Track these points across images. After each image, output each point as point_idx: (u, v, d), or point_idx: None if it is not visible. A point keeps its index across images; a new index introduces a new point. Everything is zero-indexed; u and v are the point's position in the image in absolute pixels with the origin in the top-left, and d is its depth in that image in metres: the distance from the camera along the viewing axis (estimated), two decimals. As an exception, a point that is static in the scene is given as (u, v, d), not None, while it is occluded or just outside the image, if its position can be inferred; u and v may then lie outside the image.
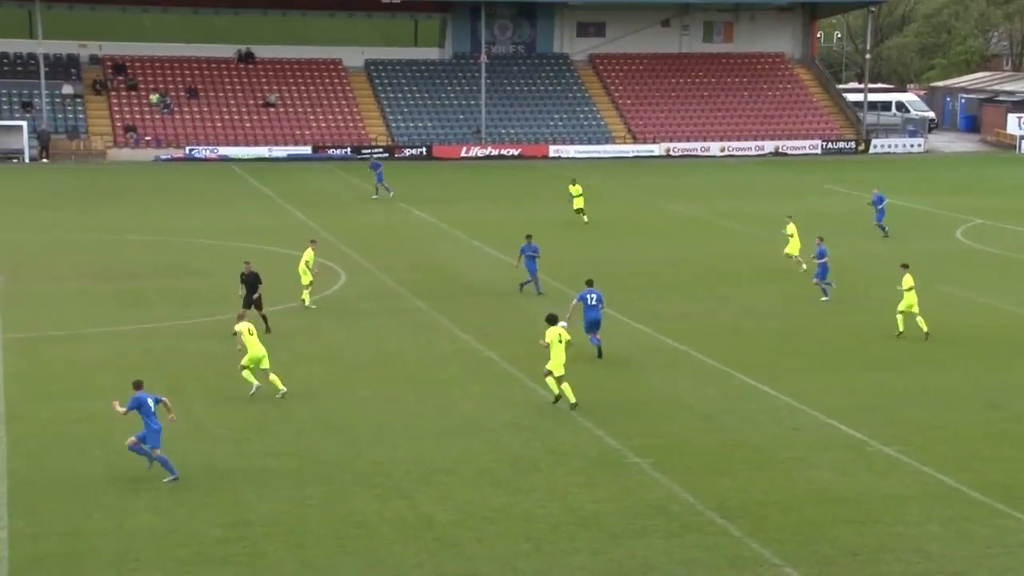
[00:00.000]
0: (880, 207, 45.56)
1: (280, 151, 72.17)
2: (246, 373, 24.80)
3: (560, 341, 24.37)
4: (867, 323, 31.75)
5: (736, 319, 32.72)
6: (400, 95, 79.57)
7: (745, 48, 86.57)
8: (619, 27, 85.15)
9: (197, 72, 77.26)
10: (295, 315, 32.33)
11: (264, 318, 29.65)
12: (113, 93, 74.30)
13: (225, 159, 70.36)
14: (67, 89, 73.01)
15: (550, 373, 24.43)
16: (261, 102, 76.13)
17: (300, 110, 76.40)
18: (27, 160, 67.31)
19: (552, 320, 24.95)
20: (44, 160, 67.67)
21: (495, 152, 75.81)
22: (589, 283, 28.63)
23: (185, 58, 77.72)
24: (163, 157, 70.18)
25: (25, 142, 67.69)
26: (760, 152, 78.80)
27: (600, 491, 20.09)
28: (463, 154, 75.23)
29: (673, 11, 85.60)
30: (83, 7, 75.27)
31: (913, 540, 18.06)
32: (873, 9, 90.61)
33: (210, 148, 71.43)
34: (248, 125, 74.52)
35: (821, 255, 34.17)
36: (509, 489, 20.17)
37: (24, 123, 68.68)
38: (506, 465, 21.33)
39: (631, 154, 77.71)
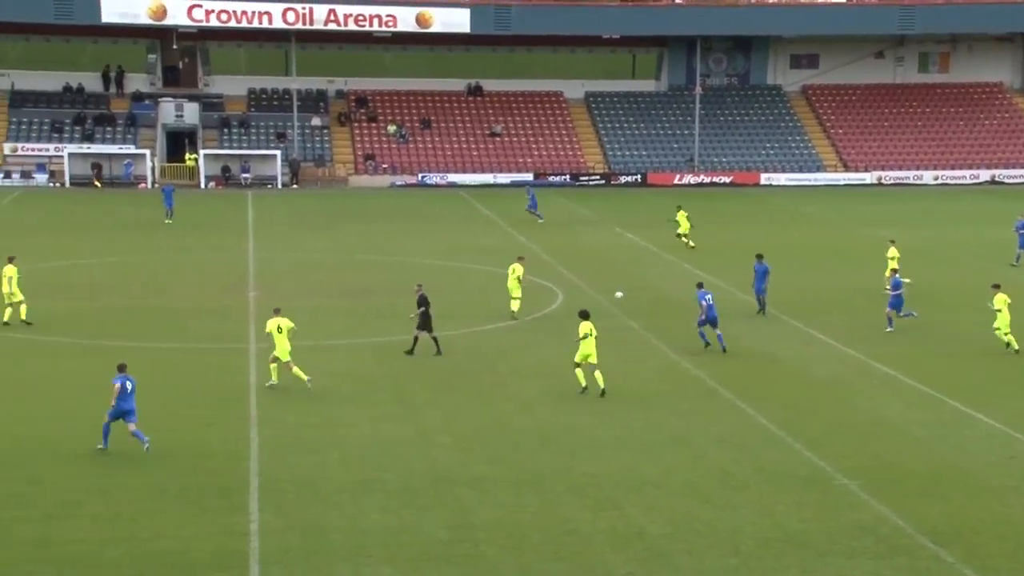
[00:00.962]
0: (1022, 232, 43.42)
1: (504, 177, 73.28)
2: (273, 366, 26.25)
3: (591, 334, 25.91)
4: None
5: (947, 344, 31.35)
6: (617, 125, 79.71)
7: (961, 78, 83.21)
8: (832, 59, 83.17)
9: (430, 104, 79.29)
10: (511, 333, 32.67)
11: (435, 339, 29.46)
12: (355, 124, 76.98)
13: (453, 185, 71.89)
14: (316, 121, 76.06)
15: (578, 365, 25.93)
16: (487, 132, 77.53)
17: (523, 139, 77.43)
18: (280, 186, 70.37)
19: (585, 315, 26.23)
20: (294, 186, 70.61)
21: (707, 180, 75.00)
22: (700, 285, 31.06)
23: (420, 92, 79.86)
24: (398, 183, 72.25)
25: (278, 169, 70.84)
26: (975, 180, 75.49)
27: (808, 510, 19.52)
28: (676, 181, 74.71)
29: (888, 43, 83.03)
30: (332, 47, 78.29)
31: None
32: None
33: (440, 175, 73.13)
34: (475, 153, 75.97)
35: (896, 286, 32.82)
36: (717, 504, 19.81)
37: (278, 152, 71.87)
38: (714, 480, 20.97)
39: (842, 182, 75.62)
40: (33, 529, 18.32)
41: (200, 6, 69.83)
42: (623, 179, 74.50)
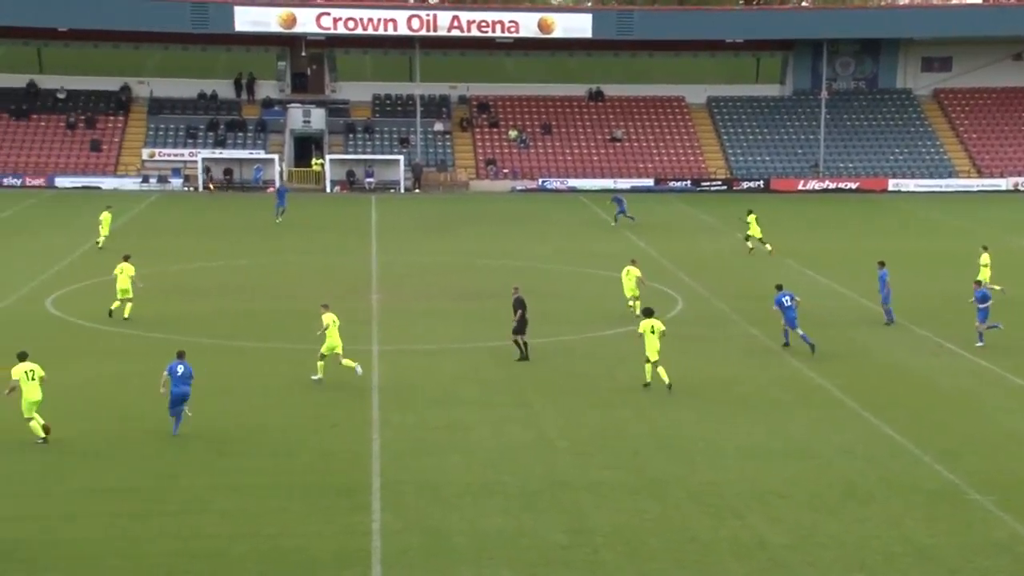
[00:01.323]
0: None
1: (624, 183, 72.93)
2: (321, 363, 26.91)
3: (653, 332, 26.57)
4: None
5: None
6: (740, 130, 78.71)
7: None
8: (967, 61, 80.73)
9: (551, 110, 79.40)
10: (630, 338, 32.42)
11: (525, 344, 29.28)
12: (477, 130, 77.52)
13: (573, 190, 71.86)
14: (438, 126, 76.82)
15: (648, 360, 26.57)
16: (608, 137, 77.30)
17: (644, 144, 77.00)
18: (402, 190, 71.23)
19: (648, 313, 27.42)
20: (416, 190, 71.40)
21: (832, 186, 73.56)
22: (779, 287, 30.95)
23: (541, 97, 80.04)
24: (518, 188, 72.51)
25: (401, 174, 71.73)
26: (1117, 186, 72.73)
27: (939, 525, 18.95)
28: (800, 187, 73.44)
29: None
30: (455, 53, 78.97)
31: None
32: None
33: (560, 180, 73.18)
34: (595, 159, 75.81)
35: (983, 299, 31.35)
36: (842, 516, 19.38)
37: (401, 157, 72.78)
38: (839, 491, 20.51)
39: (975, 188, 73.48)
40: (168, 522, 18.83)
41: (328, 14, 71.18)
42: (745, 185, 73.52)
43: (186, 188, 69.94)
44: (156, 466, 21.40)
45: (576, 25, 73.24)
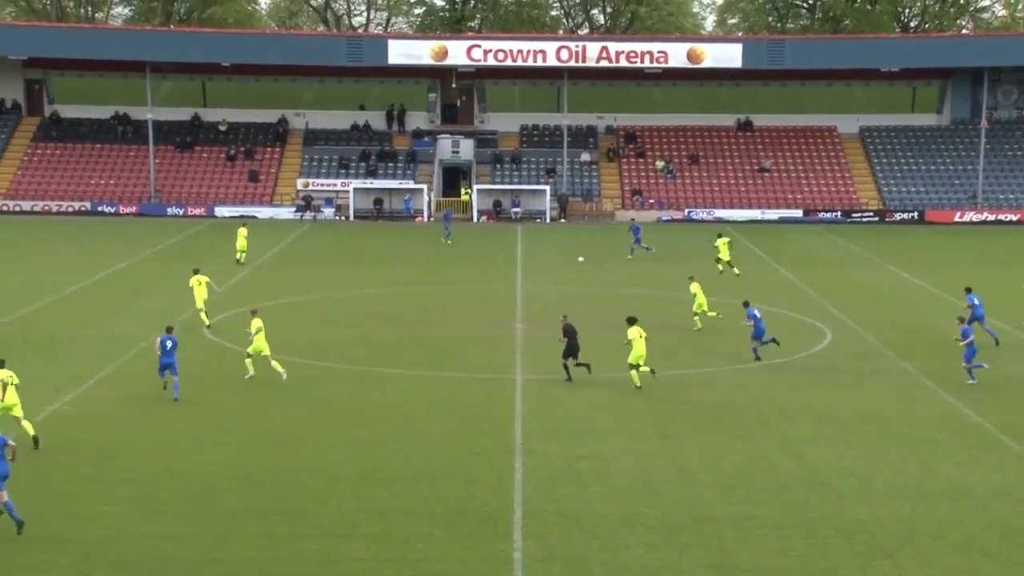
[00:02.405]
0: None
1: (772, 214, 71.91)
2: (248, 361, 29.68)
3: (640, 337, 29.04)
4: None
5: None
6: (894, 160, 76.80)
7: None
8: None
9: (699, 140, 78.86)
10: (777, 370, 31.92)
11: (581, 365, 30.23)
12: (623, 160, 77.49)
13: (720, 221, 71.10)
14: (584, 157, 77.05)
15: (632, 366, 28.90)
16: (756, 168, 76.35)
17: (793, 175, 75.79)
18: (547, 220, 71.59)
19: (632, 321, 29.54)
20: (562, 220, 71.67)
21: (991, 217, 71.10)
22: (747, 304, 33.29)
23: (689, 127, 79.58)
24: (664, 218, 72.14)
25: (547, 204, 72.13)
26: None
27: (1102, 574, 18.06)
28: (957, 219, 71.20)
29: None
30: (603, 83, 79.22)
31: None
32: None
33: (707, 210, 72.54)
34: (743, 189, 74.94)
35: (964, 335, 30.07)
36: (1001, 560, 18.63)
37: (547, 187, 73.22)
38: (997, 535, 19.73)
39: None
40: (315, 546, 19.23)
41: (479, 46, 72.25)
42: (898, 216, 71.61)
43: (337, 217, 71.64)
44: (305, 490, 21.87)
45: (726, 55, 72.59)
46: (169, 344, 28.06)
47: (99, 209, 71.70)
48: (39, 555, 18.66)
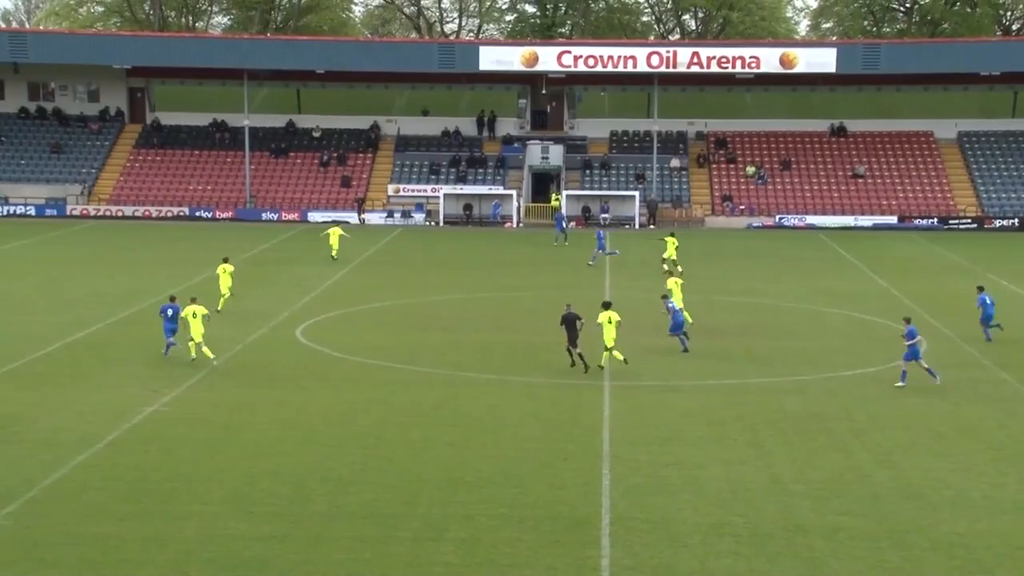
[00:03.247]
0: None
1: (865, 220, 70.75)
2: (191, 344, 31.52)
3: (610, 322, 30.50)
4: None
5: None
6: (993, 166, 75.08)
7: None
8: None
9: (791, 145, 77.92)
10: (871, 380, 31.39)
11: (580, 356, 31.14)
12: (714, 166, 76.86)
13: (812, 227, 70.16)
14: (674, 163, 76.58)
15: (605, 347, 30.52)
16: (850, 173, 75.16)
17: (888, 181, 74.47)
18: (636, 226, 71.28)
19: (606, 306, 31.14)
20: (651, 226, 71.30)
21: (1094, 223, 69.13)
22: (664, 296, 34.45)
23: (781, 132, 78.68)
24: (755, 225, 71.38)
25: (636, 210, 71.84)
26: None
27: None
28: (1059, 225, 69.38)
29: None
30: (693, 88, 78.70)
31: None
32: None
33: (798, 217, 71.61)
34: (836, 195, 73.84)
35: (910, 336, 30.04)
36: (1101, 578, 18.07)
37: (636, 193, 72.94)
38: (1099, 552, 19.13)
39: None
40: (404, 549, 19.35)
41: (569, 52, 72.27)
42: (998, 223, 69.97)
43: (427, 223, 72.16)
44: (395, 493, 22.03)
45: (820, 59, 71.60)
46: (171, 312, 31.84)
47: (197, 214, 73.16)
48: (138, 552, 19.07)
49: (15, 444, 24.88)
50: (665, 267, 49.53)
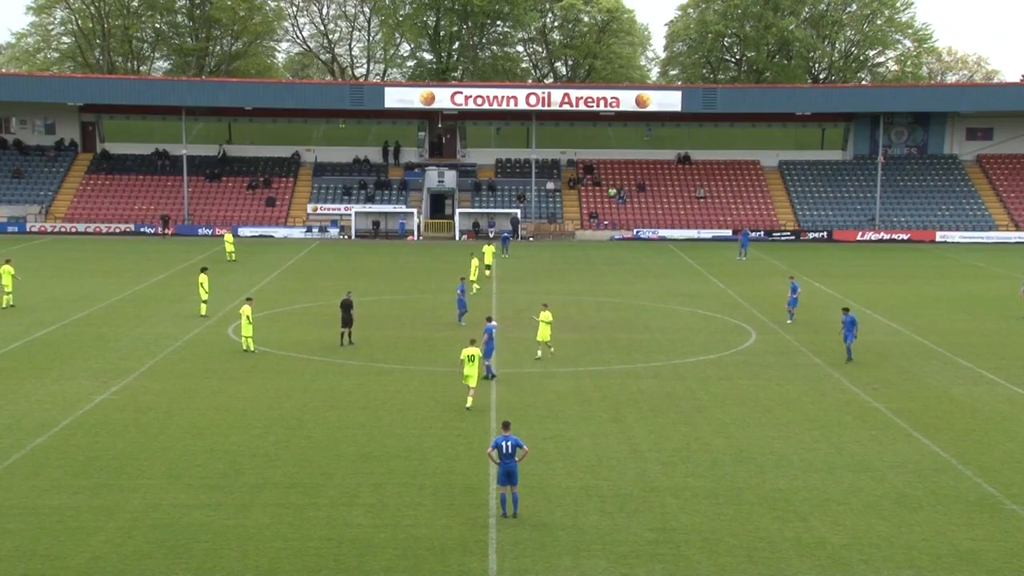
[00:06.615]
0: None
1: (706, 233, 72.21)
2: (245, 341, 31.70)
3: (546, 321, 31.51)
4: None
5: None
6: (807, 189, 77.31)
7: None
8: (1006, 131, 78.34)
9: (645, 171, 79.10)
10: (711, 365, 32.03)
11: (349, 334, 33.12)
12: (582, 188, 77.58)
13: (663, 239, 71.34)
14: (550, 185, 77.06)
15: (540, 341, 31.46)
16: (694, 195, 76.62)
17: (724, 201, 76.11)
18: (518, 239, 71.44)
19: (545, 306, 32.28)
20: (531, 239, 71.55)
21: (887, 236, 71.68)
22: (488, 319, 30.78)
23: (637, 160, 79.81)
24: (616, 237, 72.25)
25: (518, 225, 71.91)
26: None
27: (979, 531, 18.21)
28: (859, 237, 71.74)
29: (1057, 116, 77.52)
30: (565, 123, 79.37)
31: None
32: None
33: (652, 230, 72.72)
34: (683, 212, 75.19)
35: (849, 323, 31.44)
36: (894, 522, 18.76)
37: (518, 211, 73.16)
38: (891, 500, 19.87)
39: (1013, 240, 70.92)
40: (322, 513, 19.13)
41: (461, 92, 72.25)
42: (811, 235, 72.11)
43: (341, 236, 71.33)
44: (315, 466, 21.77)
45: (668, 100, 72.91)
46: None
47: (141, 230, 71.20)
48: (90, 521, 18.49)
49: (-22, 431, 23.88)
50: (488, 273, 49.81)
